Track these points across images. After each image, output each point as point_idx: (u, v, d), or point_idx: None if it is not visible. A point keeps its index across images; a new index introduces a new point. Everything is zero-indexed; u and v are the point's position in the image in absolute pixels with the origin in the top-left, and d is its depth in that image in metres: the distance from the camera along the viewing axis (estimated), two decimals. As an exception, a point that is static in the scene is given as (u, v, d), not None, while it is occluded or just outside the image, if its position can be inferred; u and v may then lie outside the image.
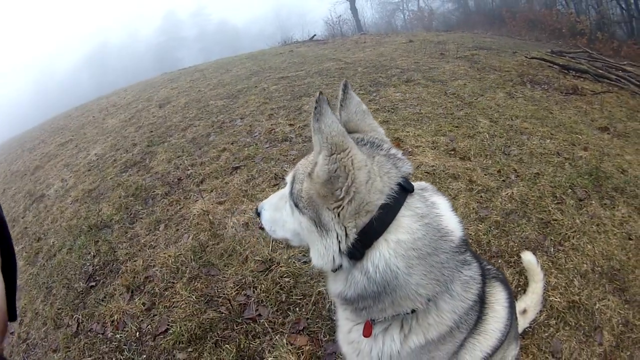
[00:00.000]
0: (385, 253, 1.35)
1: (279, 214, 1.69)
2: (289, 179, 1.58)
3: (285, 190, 1.61)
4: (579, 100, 8.86)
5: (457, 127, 6.54)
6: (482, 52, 13.01)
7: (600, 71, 11.34)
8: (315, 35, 24.10)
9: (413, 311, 1.46)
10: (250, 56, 18.21)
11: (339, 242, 1.37)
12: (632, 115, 8.46)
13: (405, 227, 1.36)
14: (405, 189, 1.40)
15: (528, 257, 2.84)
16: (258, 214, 1.81)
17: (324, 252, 1.42)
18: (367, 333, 1.62)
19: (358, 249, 1.36)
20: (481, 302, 1.72)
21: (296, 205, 1.46)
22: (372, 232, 1.34)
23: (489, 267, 1.99)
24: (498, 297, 1.93)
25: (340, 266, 1.43)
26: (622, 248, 4.06)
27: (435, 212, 1.45)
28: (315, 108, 1.22)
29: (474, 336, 1.78)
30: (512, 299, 2.09)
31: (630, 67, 13.08)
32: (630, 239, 4.21)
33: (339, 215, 1.34)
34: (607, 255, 3.93)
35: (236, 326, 3.33)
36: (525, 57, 12.45)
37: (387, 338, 1.61)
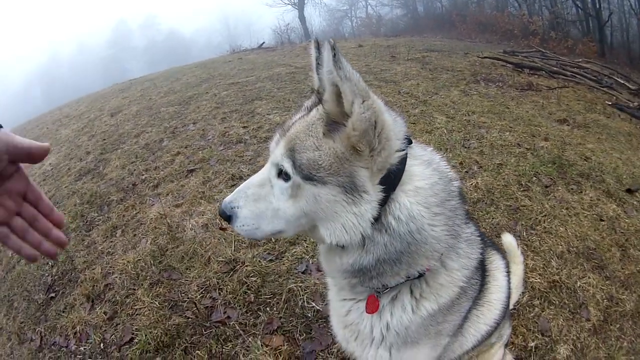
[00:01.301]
0: (405, 202, 1.29)
1: (264, 204, 1.41)
2: (277, 157, 1.36)
3: (268, 173, 1.41)
4: (535, 96, 9.12)
5: (414, 123, 6.57)
6: (433, 54, 13.30)
7: (555, 68, 11.76)
8: (263, 43, 24.12)
9: (420, 275, 1.43)
10: (200, 65, 18.09)
11: (372, 204, 1.26)
12: (590, 107, 8.79)
13: (418, 174, 1.34)
14: (408, 139, 1.36)
15: (508, 239, 2.79)
16: (228, 218, 1.44)
17: (354, 223, 1.27)
18: (372, 309, 1.53)
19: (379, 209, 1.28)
20: (482, 269, 1.70)
21: (309, 178, 1.28)
22: (390, 184, 1.28)
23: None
24: (498, 264, 1.92)
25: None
26: (595, 229, 4.13)
27: (438, 158, 1.44)
28: (334, 56, 1.13)
29: (477, 307, 1.76)
30: (509, 269, 2.07)
31: (586, 63, 13.65)
32: (602, 220, 4.29)
33: (372, 171, 1.26)
34: (580, 237, 3.98)
35: (205, 330, 3.17)
36: (478, 57, 12.81)
37: (396, 308, 1.53)
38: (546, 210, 4.31)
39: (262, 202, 1.41)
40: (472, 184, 4.69)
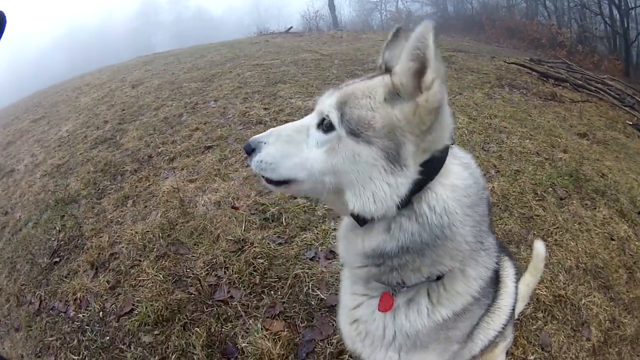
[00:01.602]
0: (442, 195, 1.26)
1: (294, 149, 1.37)
2: (326, 106, 1.33)
3: (309, 122, 1.39)
4: (558, 107, 8.97)
5: (434, 121, 6.48)
6: (460, 55, 13.12)
7: (580, 82, 11.56)
8: (291, 27, 24.06)
9: (438, 278, 1.39)
10: (226, 44, 18.08)
11: (408, 181, 1.23)
12: (611, 125, 8.64)
13: (456, 173, 1.32)
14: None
15: (540, 248, 2.64)
16: (251, 150, 1.39)
17: (386, 193, 1.23)
18: (386, 306, 1.48)
19: (411, 192, 1.25)
20: (496, 277, 1.67)
21: (355, 134, 1.25)
22: (430, 171, 1.25)
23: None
24: (509, 271, 1.91)
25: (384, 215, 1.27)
26: (605, 247, 4.06)
27: (475, 164, 1.44)
28: (434, 35, 1.13)
29: (488, 315, 1.73)
30: (518, 276, 2.06)
31: (611, 81, 13.40)
32: (612, 239, 4.23)
33: (418, 149, 1.23)
34: (590, 253, 3.91)
35: (206, 308, 3.14)
36: (505, 62, 12.64)
37: (411, 311, 1.48)
38: (559, 223, 4.24)
39: (292, 146, 1.38)
40: (488, 188, 4.61)
